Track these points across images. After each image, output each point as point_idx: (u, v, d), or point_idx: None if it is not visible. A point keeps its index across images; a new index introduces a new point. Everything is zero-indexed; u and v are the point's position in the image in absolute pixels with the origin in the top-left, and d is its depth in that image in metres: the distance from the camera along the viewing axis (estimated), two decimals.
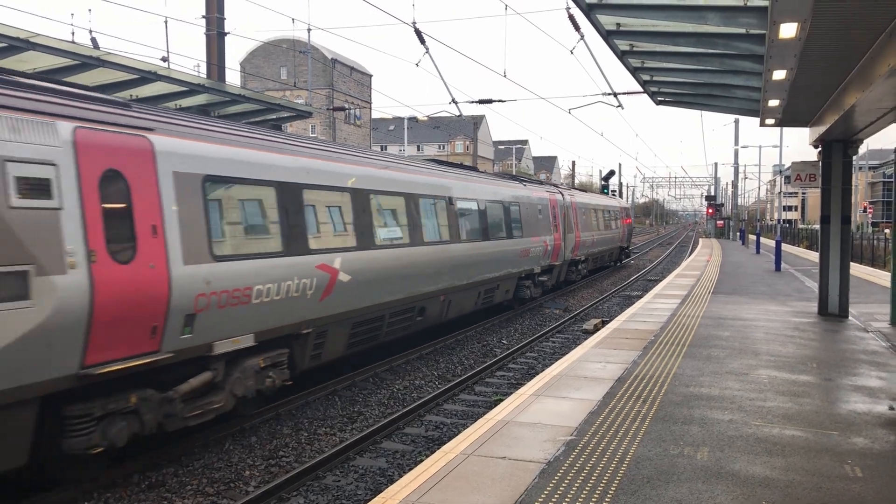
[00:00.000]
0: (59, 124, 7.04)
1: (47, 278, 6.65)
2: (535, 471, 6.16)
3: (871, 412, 8.06)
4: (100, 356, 7.20)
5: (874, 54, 8.87)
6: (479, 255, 16.95)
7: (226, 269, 8.75)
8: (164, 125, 8.40)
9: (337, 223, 11.39)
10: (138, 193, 7.75)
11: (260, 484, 8.22)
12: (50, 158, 6.87)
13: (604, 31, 10.32)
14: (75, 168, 7.09)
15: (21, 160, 6.62)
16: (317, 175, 10.93)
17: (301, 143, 11.19)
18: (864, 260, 37.55)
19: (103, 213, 7.31)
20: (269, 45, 71.23)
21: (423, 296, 14.11)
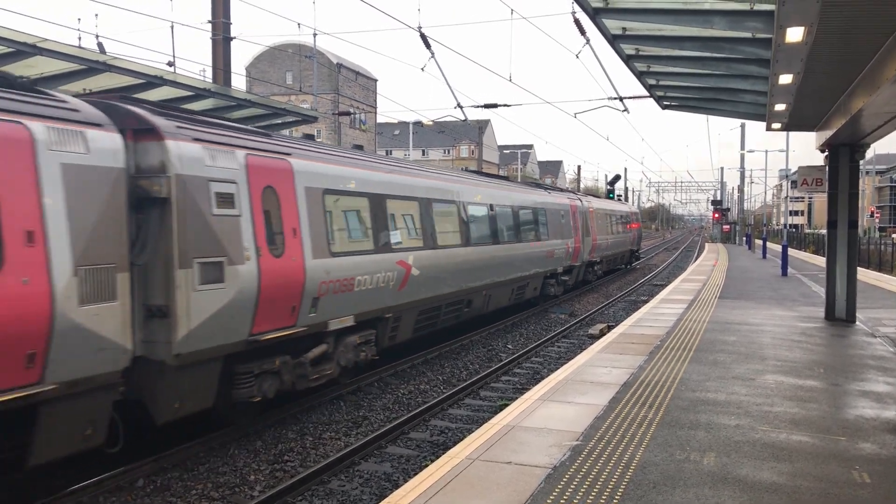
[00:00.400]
0: (237, 152, 9.25)
1: (234, 267, 8.86)
2: (540, 476, 6.13)
3: (878, 418, 8.01)
4: (261, 327, 9.37)
5: (881, 58, 8.84)
6: (514, 256, 19.18)
7: (338, 263, 11.00)
8: (297, 150, 10.69)
9: (409, 227, 13.65)
10: (285, 204, 9.99)
11: (265, 488, 8.20)
12: (232, 178, 9.01)
13: (609, 35, 10.31)
14: (247, 185, 9.29)
15: (218, 180, 8.79)
16: (395, 187, 13.28)
17: (382, 161, 13.85)
18: (872, 265, 37.42)
19: (264, 219, 9.52)
20: (275, 50, 71.40)
21: (470, 290, 16.38)
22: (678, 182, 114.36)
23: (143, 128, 8.20)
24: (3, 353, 6.40)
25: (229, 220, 8.88)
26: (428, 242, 14.12)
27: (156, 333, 8.12)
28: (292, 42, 66.21)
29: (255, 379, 9.51)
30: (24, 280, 6.61)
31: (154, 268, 8.10)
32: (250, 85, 69.72)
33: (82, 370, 7.12)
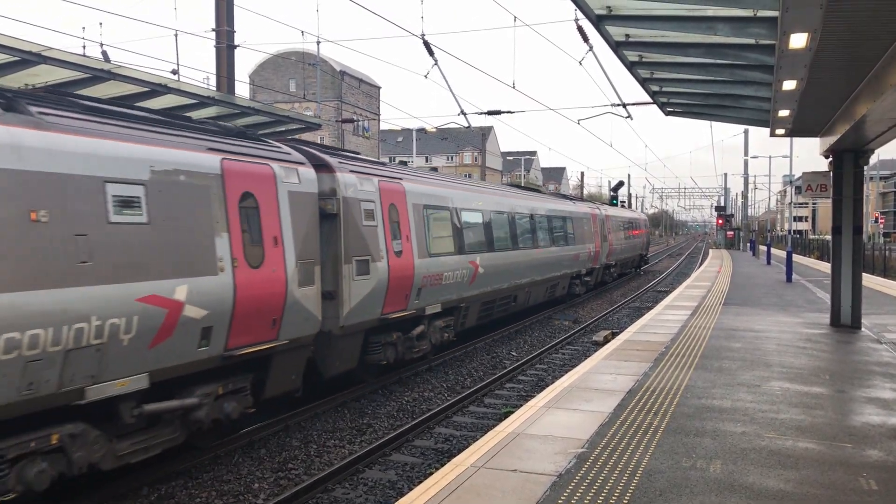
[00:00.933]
0: (374, 179, 12.48)
1: (374, 264, 11.98)
2: (546, 483, 6.11)
3: (885, 424, 7.97)
4: (387, 309, 12.52)
5: (885, 64, 8.82)
6: (549, 258, 22.28)
7: (433, 262, 14.11)
8: (406, 175, 14.16)
9: (476, 233, 16.72)
10: (402, 216, 13.24)
11: (269, 497, 8.19)
12: (372, 198, 12.22)
13: (613, 42, 10.31)
14: (380, 203, 12.48)
15: (364, 200, 11.96)
16: (467, 201, 16.57)
17: (457, 181, 17.83)
18: (876, 271, 37.30)
19: (390, 228, 12.69)
20: (279, 58, 71.61)
21: (517, 287, 19.38)
22: (682, 188, 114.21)
23: (320, 164, 11.28)
24: (261, 319, 9.25)
25: (372, 229, 12.09)
26: (490, 246, 17.27)
27: (327, 311, 10.92)
28: (296, 50, 66.36)
29: (382, 347, 12.66)
30: (273, 270, 9.43)
31: (327, 263, 11.05)
32: (254, 92, 69.90)
33: (297, 332, 9.99)
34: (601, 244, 28.86)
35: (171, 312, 7.78)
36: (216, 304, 8.41)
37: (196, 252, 8.23)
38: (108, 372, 7.16)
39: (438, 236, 14.68)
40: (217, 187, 8.69)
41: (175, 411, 8.22)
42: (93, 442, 7.25)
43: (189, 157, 8.39)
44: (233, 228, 8.84)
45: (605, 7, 9.14)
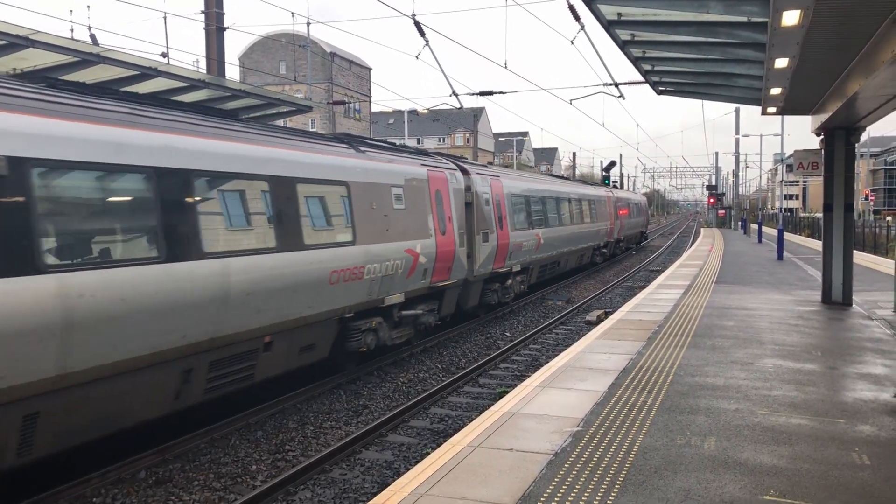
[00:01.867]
0: (488, 178, 18.30)
1: (490, 235, 17.52)
2: (542, 462, 6.16)
3: (877, 400, 8.05)
4: (495, 266, 18.02)
5: (877, 41, 8.83)
6: (579, 233, 28.23)
7: (517, 234, 19.77)
8: (502, 173, 20.43)
9: (539, 213, 22.51)
10: (501, 203, 18.80)
11: (267, 478, 8.23)
12: (488, 192, 17.78)
13: (605, 21, 10.26)
14: (491, 194, 18.04)
15: (485, 193, 17.66)
16: (538, 189, 23.14)
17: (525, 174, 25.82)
18: (867, 248, 37.49)
19: (496, 212, 18.15)
20: (268, 40, 71.06)
21: (558, 255, 25.09)
22: (673, 167, 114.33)
23: (463, 170, 16.92)
24: (444, 266, 14.72)
25: (489, 212, 17.71)
26: (547, 223, 23.16)
27: (467, 266, 16.31)
28: (286, 31, 65.87)
29: (491, 293, 18.39)
30: (449, 236, 15.05)
31: (465, 235, 16.22)
32: (244, 75, 69.43)
33: (457, 277, 15.54)
34: (614, 222, 35.02)
35: (415, 258, 13.52)
36: (429, 255, 14.07)
37: (422, 225, 13.95)
38: (392, 290, 12.80)
39: (520, 216, 20.42)
40: (426, 187, 14.45)
41: (411, 317, 13.81)
42: (384, 329, 12.74)
43: (417, 171, 14.29)
44: (434, 211, 14.57)
45: None
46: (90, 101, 7.81)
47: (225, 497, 7.73)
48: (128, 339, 7.40)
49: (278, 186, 9.90)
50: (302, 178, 10.40)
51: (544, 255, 22.86)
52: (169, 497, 7.67)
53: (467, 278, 16.29)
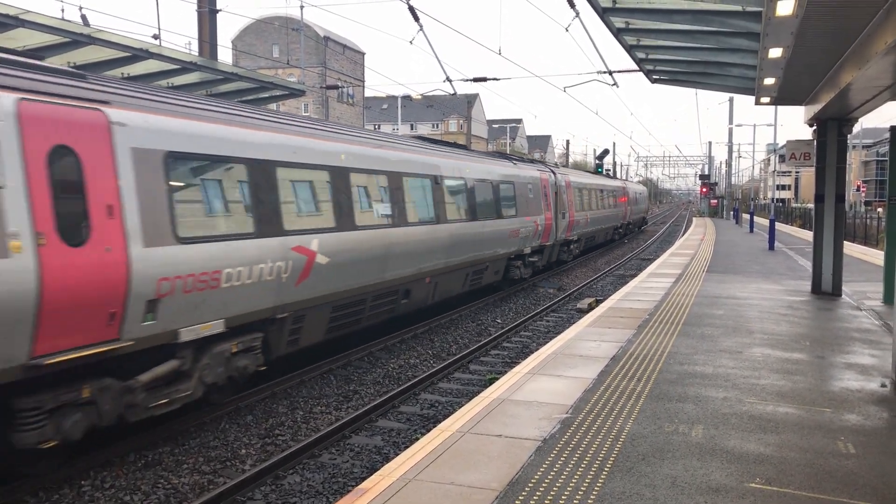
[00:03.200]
0: (560, 176, 26.80)
1: (565, 215, 26.45)
2: (530, 448, 6.19)
3: (863, 389, 8.11)
4: (564, 236, 26.56)
5: (871, 32, 8.83)
6: (607, 215, 36.83)
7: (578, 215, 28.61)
8: (567, 170, 30.45)
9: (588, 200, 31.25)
10: (569, 193, 27.23)
11: (256, 462, 8.25)
12: (563, 185, 26.53)
13: (600, 8, 10.24)
14: (566, 187, 26.98)
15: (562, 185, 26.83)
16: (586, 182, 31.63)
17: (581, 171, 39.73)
18: (858, 238, 37.66)
19: (544, 200, 23.35)
20: (262, 23, 70.57)
21: (595, 231, 33.62)
22: (666, 156, 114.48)
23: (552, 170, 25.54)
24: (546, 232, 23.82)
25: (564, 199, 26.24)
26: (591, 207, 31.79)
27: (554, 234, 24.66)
28: (279, 15, 65.41)
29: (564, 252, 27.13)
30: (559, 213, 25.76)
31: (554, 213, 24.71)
32: (237, 58, 68.96)
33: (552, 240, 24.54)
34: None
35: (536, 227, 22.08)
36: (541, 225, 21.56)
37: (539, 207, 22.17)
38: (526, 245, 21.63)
39: (578, 202, 28.88)
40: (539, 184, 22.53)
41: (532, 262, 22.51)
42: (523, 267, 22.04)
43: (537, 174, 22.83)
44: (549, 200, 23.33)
45: None
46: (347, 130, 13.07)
47: (214, 480, 7.74)
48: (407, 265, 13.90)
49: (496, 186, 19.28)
50: (498, 180, 19.57)
51: (590, 230, 31.92)
52: (158, 480, 7.68)
53: (554, 242, 24.99)
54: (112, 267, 7.34)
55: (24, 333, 6.53)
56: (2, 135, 6.44)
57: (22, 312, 6.46)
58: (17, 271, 6.41)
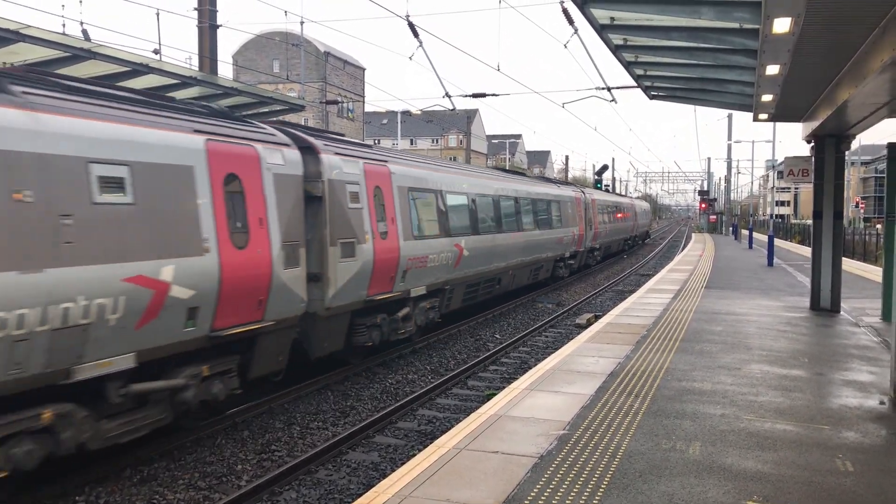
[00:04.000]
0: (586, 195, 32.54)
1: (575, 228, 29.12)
2: (527, 465, 6.16)
3: (862, 406, 8.09)
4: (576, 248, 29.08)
5: (867, 49, 8.87)
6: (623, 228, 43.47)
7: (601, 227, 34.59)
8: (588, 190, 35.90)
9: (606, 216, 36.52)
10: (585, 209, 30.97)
11: (252, 478, 8.20)
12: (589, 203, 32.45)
13: (598, 25, 10.29)
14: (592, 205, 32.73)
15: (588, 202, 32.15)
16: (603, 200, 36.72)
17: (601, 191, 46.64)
18: (856, 255, 37.66)
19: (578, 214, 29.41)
20: (262, 38, 70.88)
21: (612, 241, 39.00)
22: (666, 172, 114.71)
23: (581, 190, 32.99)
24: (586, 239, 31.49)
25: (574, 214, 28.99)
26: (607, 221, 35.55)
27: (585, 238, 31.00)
28: (279, 30, 65.70)
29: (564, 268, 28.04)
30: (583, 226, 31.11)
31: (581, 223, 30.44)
32: (237, 73, 69.26)
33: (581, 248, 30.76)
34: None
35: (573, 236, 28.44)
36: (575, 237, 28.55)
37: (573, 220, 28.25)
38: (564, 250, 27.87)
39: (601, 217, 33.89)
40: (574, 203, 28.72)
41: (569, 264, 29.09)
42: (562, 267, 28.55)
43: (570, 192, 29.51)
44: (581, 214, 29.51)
45: None
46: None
47: (210, 496, 7.69)
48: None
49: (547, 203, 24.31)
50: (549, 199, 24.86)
51: (608, 240, 36.04)
52: (153, 496, 7.64)
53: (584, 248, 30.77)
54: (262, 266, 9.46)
55: (206, 313, 8.52)
56: (197, 166, 8.51)
57: (209, 296, 8.51)
58: (209, 267, 8.53)
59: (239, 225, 9.13)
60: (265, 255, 9.52)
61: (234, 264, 8.91)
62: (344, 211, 11.55)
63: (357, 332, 12.30)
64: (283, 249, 9.85)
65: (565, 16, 15.22)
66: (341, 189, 11.57)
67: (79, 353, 6.98)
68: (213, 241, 8.60)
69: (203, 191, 8.56)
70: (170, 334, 8.06)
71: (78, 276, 6.87)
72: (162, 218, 7.94)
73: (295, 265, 10.11)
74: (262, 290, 9.44)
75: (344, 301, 11.64)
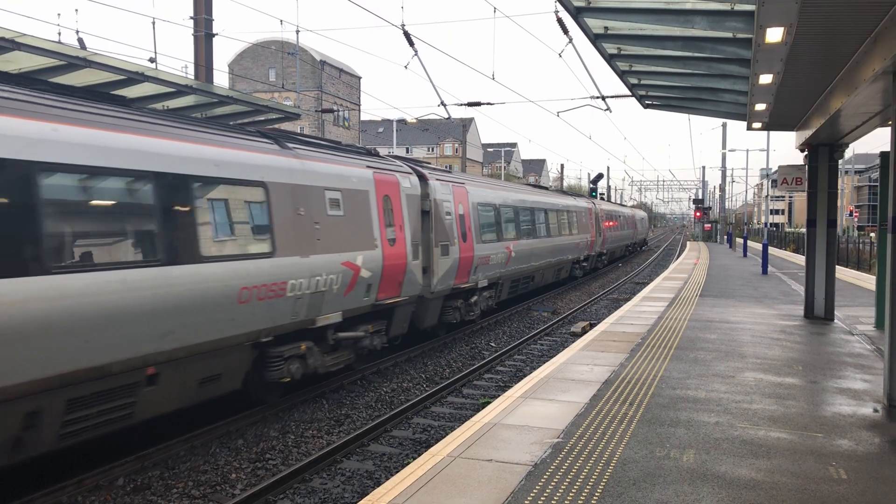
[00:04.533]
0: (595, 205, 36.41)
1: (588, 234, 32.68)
2: (521, 473, 6.16)
3: (855, 414, 8.11)
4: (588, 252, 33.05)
5: (859, 59, 8.93)
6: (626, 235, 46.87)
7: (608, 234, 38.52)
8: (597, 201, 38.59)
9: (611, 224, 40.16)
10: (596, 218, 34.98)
11: (246, 487, 8.18)
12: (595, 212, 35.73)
13: (592, 34, 10.34)
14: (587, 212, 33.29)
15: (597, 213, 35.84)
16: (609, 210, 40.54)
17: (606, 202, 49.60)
18: (850, 263, 37.78)
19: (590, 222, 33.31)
20: (258, 47, 71.04)
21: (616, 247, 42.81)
22: (660, 181, 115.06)
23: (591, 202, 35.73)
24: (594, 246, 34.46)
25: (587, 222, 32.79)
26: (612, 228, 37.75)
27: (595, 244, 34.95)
28: (275, 39, 65.83)
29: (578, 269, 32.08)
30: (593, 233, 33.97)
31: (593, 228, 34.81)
32: (233, 82, 69.32)
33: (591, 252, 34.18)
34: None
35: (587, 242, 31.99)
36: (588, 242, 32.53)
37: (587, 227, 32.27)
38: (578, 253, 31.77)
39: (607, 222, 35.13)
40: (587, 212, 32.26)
41: None
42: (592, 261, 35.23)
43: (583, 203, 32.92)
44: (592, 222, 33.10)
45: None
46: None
47: None
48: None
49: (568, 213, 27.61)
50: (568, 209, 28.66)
51: (613, 246, 38.54)
52: None
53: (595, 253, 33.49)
54: (401, 258, 13.55)
55: (374, 288, 12.57)
56: (371, 191, 12.74)
57: (376, 276, 12.57)
58: (377, 256, 12.60)
59: (390, 229, 13.31)
60: (403, 250, 13.70)
61: (389, 255, 13.10)
62: (442, 221, 15.77)
63: (445, 311, 16.63)
64: (412, 246, 14.06)
65: (560, 25, 15.27)
66: (440, 205, 15.81)
67: (319, 309, 10.95)
68: (379, 239, 12.79)
69: (373, 206, 12.76)
70: (358, 301, 12.13)
71: (322, 261, 10.89)
72: (356, 224, 12.06)
73: (417, 258, 14.31)
74: (401, 274, 13.64)
75: (441, 287, 15.81)
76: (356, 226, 12.06)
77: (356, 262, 11.88)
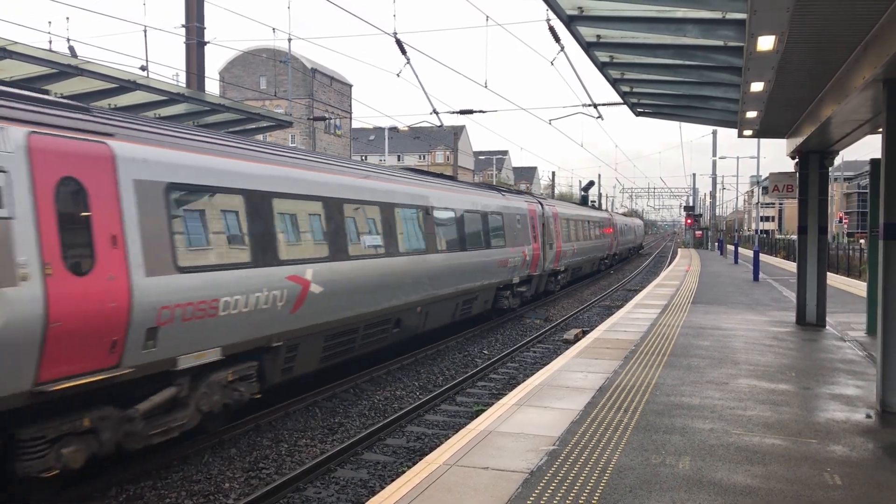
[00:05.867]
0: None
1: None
2: (517, 481, 6.15)
3: (849, 420, 8.13)
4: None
5: (850, 67, 8.99)
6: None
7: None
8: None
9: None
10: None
11: (240, 496, 8.13)
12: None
13: (584, 42, 10.37)
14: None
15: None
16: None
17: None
18: (841, 270, 37.97)
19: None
20: (249, 55, 71.02)
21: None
22: (651, 188, 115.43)
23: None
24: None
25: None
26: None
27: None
28: (267, 47, 65.85)
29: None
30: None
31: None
32: (224, 89, 69.24)
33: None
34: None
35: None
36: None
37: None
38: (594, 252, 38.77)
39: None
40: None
41: None
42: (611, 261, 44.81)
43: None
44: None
45: (576, 7, 9.19)
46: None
47: None
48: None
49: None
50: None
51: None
52: None
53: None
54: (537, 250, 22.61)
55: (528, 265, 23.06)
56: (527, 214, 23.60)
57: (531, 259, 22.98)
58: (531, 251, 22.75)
59: (533, 235, 22.51)
60: (538, 249, 22.64)
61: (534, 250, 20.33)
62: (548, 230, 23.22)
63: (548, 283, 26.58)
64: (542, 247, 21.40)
65: (552, 34, 15.35)
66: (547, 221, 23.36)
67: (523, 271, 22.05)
68: (530, 241, 22.03)
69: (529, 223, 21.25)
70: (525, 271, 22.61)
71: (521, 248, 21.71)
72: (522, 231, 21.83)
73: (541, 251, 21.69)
74: (536, 263, 22.68)
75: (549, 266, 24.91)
76: (521, 233, 22.25)
77: (526, 251, 22.49)
